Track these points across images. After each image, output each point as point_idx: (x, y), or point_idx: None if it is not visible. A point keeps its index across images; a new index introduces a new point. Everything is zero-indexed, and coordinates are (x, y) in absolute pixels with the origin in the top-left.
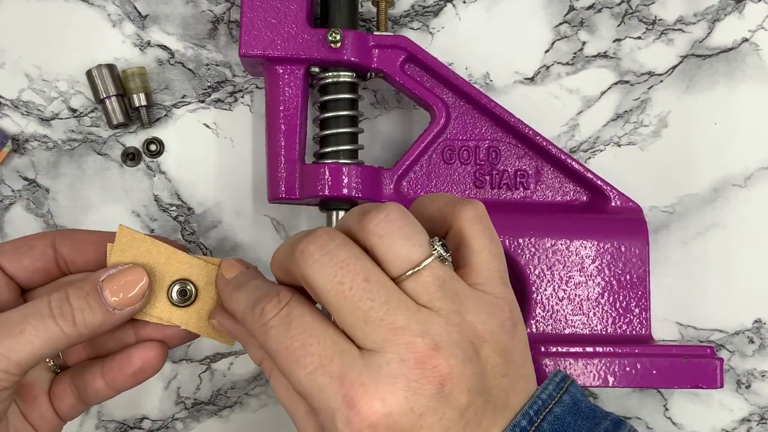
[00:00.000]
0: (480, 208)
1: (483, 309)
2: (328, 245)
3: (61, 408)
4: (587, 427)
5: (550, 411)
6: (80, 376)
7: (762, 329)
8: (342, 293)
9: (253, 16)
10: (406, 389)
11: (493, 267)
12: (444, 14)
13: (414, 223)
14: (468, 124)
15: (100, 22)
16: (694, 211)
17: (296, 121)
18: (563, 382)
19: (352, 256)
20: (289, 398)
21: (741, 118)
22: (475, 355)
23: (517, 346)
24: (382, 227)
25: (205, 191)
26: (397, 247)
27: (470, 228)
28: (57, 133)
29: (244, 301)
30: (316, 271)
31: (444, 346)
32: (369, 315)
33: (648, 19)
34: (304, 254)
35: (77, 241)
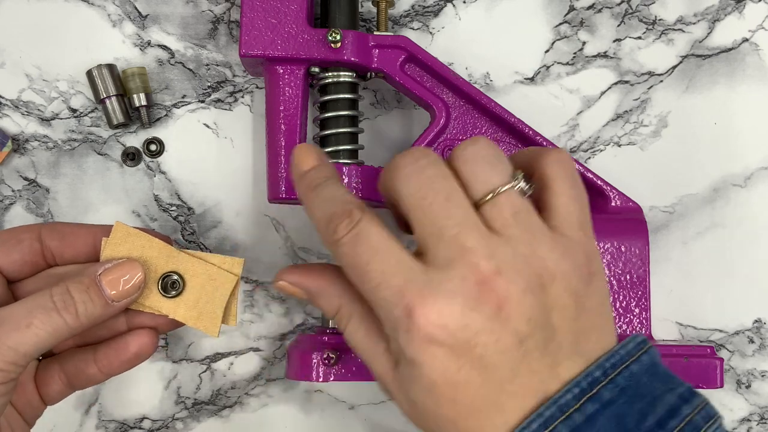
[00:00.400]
0: (564, 154)
1: (556, 248)
2: (419, 161)
3: (47, 394)
4: (663, 389)
5: (626, 367)
6: (71, 363)
7: (762, 329)
8: (422, 208)
9: (253, 16)
10: (463, 305)
11: (572, 210)
12: (444, 14)
13: (499, 154)
14: (468, 124)
15: (100, 22)
16: (694, 211)
17: (296, 121)
18: (644, 343)
19: (439, 174)
20: (367, 340)
21: (741, 118)
22: (540, 288)
23: (593, 295)
24: (469, 153)
25: (205, 191)
26: (479, 172)
27: (552, 171)
28: (57, 133)
29: (318, 211)
30: (404, 183)
31: (506, 271)
32: (443, 232)
33: (648, 19)
34: (397, 166)
35: (65, 234)
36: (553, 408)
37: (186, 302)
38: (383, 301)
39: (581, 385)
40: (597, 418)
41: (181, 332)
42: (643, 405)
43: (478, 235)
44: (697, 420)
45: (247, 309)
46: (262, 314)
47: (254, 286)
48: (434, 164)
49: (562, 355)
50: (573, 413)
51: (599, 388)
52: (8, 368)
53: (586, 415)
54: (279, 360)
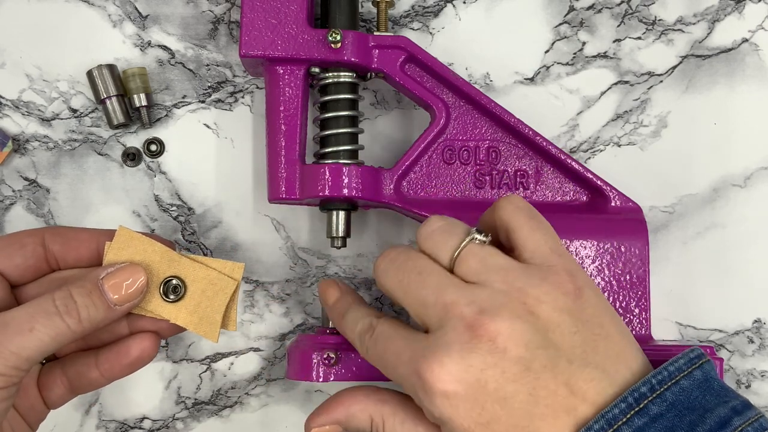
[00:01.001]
0: (514, 197)
1: (533, 275)
2: (389, 255)
3: (49, 397)
4: (715, 402)
5: (676, 382)
6: (73, 367)
7: (762, 329)
8: (403, 289)
9: (253, 16)
10: (460, 351)
11: (537, 239)
12: (444, 14)
13: (451, 221)
14: (468, 125)
15: (101, 22)
16: (694, 211)
17: (296, 121)
18: (698, 358)
19: (409, 258)
20: (406, 429)
21: (741, 118)
22: (527, 314)
23: (586, 306)
24: (425, 231)
25: (206, 191)
26: (437, 241)
27: (507, 213)
28: (57, 133)
29: (351, 334)
30: (385, 279)
31: (489, 308)
32: (426, 301)
33: (648, 19)
34: (376, 269)
35: (68, 238)
36: (602, 421)
37: (187, 307)
38: (402, 377)
39: (627, 400)
40: (646, 430)
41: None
42: (694, 417)
43: (455, 289)
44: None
45: (248, 309)
46: (262, 314)
47: (254, 286)
48: (402, 252)
49: (575, 369)
50: (621, 426)
51: (646, 403)
52: (11, 372)
53: (634, 427)
54: (279, 360)
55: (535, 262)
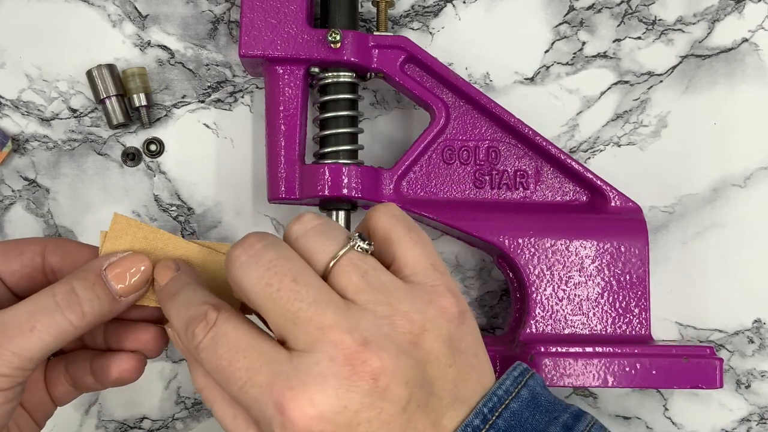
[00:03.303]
0: (391, 205)
1: (417, 298)
2: (254, 246)
3: (55, 394)
4: (545, 420)
5: (506, 407)
6: (74, 366)
7: (762, 329)
8: (269, 295)
9: (253, 16)
10: (336, 387)
11: (419, 254)
12: (444, 14)
13: (328, 221)
14: (468, 124)
15: (101, 22)
16: (694, 211)
17: (296, 121)
18: (522, 375)
19: (279, 257)
20: (236, 426)
21: (741, 118)
22: (412, 346)
23: (466, 335)
24: (297, 229)
25: (205, 191)
26: (312, 243)
27: (384, 223)
28: (57, 133)
29: (176, 320)
30: (243, 274)
31: (374, 340)
32: (298, 316)
33: (648, 19)
34: (231, 258)
35: (69, 251)
36: None
37: None
38: (252, 401)
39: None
40: None
41: None
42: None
43: (335, 310)
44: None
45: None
46: None
47: None
48: (271, 247)
49: (444, 407)
50: None
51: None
52: (14, 374)
53: None
54: None
55: (418, 280)
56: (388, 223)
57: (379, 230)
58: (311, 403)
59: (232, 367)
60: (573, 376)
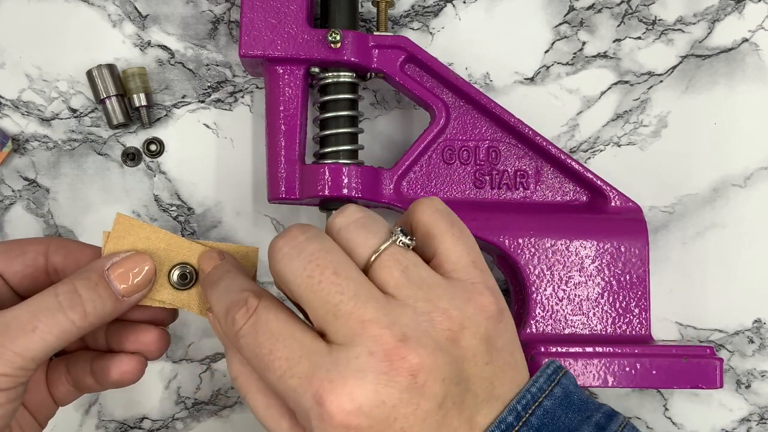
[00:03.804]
0: (435, 199)
1: (457, 295)
2: (297, 238)
3: (56, 394)
4: (578, 420)
5: (539, 405)
6: (75, 366)
7: (762, 329)
8: (311, 287)
9: (253, 16)
10: (375, 382)
11: (460, 250)
12: (444, 14)
13: (371, 214)
14: (468, 124)
15: (101, 22)
16: (694, 211)
17: (296, 121)
18: (555, 373)
19: (321, 249)
20: (269, 416)
21: (741, 118)
22: (450, 343)
23: (503, 333)
24: (340, 221)
25: (205, 191)
26: (355, 237)
27: (428, 217)
28: (57, 133)
29: (217, 306)
30: (285, 266)
31: (413, 336)
32: (338, 309)
33: (648, 19)
34: (274, 249)
35: (71, 251)
36: None
37: (200, 294)
38: (291, 390)
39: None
40: None
41: (182, 332)
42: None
43: (375, 304)
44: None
45: None
46: None
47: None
48: (314, 239)
49: (479, 404)
50: None
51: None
52: (17, 373)
53: None
54: None
55: (458, 276)
56: (431, 218)
57: (422, 224)
58: (350, 396)
59: (272, 356)
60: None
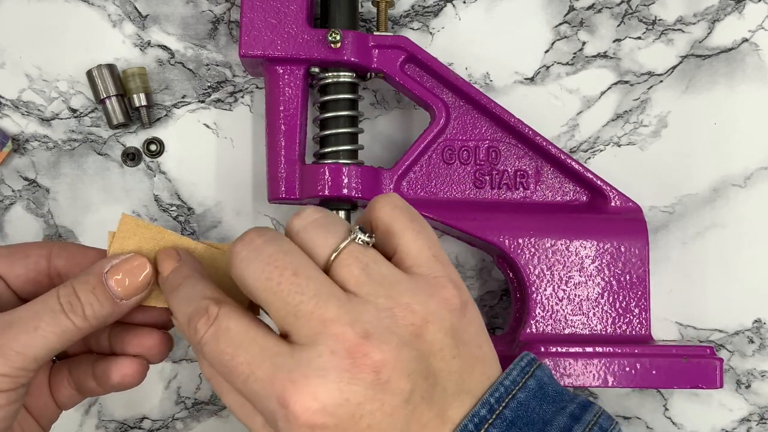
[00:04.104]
0: (393, 195)
1: (419, 289)
2: (254, 241)
3: (59, 398)
4: (552, 410)
5: (513, 397)
6: (77, 369)
7: (762, 329)
8: (270, 289)
9: (253, 16)
10: (338, 380)
11: (421, 245)
12: (444, 14)
13: (329, 215)
14: (468, 124)
15: (101, 22)
16: (694, 211)
17: (296, 121)
18: (529, 366)
19: (280, 251)
20: (244, 413)
21: (741, 118)
22: (414, 338)
23: (469, 326)
24: (298, 223)
25: (205, 191)
26: (314, 237)
27: (386, 214)
28: (57, 133)
29: (179, 313)
30: (244, 269)
31: (375, 332)
32: (299, 309)
33: (648, 19)
34: (233, 253)
35: (74, 253)
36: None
37: None
38: (255, 394)
39: (468, 427)
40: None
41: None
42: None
43: (336, 302)
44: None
45: None
46: (262, 314)
47: None
48: (272, 241)
49: (449, 398)
50: None
51: (487, 427)
52: (17, 374)
53: None
54: None
55: (420, 272)
56: (390, 215)
57: (381, 221)
58: (313, 396)
59: (234, 362)
60: (573, 376)
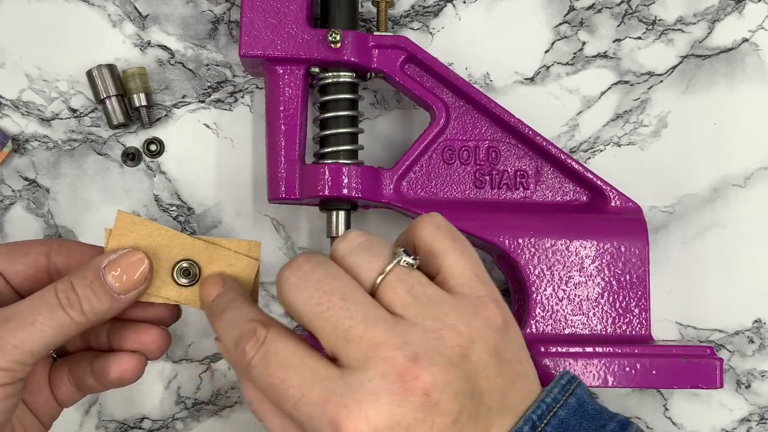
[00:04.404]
0: (436, 216)
1: (464, 310)
2: (302, 267)
3: (59, 396)
4: (592, 429)
5: (554, 415)
6: (77, 366)
7: (762, 329)
8: (320, 314)
9: (253, 16)
10: (389, 404)
11: (464, 266)
12: (444, 14)
13: (373, 237)
14: (468, 124)
15: (101, 22)
16: (694, 211)
17: (296, 121)
18: (569, 384)
19: (327, 276)
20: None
21: (741, 118)
22: (461, 358)
23: (511, 344)
24: (343, 247)
25: (205, 191)
26: (359, 260)
27: (429, 235)
28: (57, 133)
29: (225, 337)
30: (294, 295)
31: (424, 355)
32: (348, 333)
33: (648, 19)
34: (281, 281)
35: (73, 251)
36: None
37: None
38: (307, 417)
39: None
40: None
41: (182, 332)
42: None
43: (384, 326)
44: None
45: None
46: None
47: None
48: (319, 266)
49: (493, 416)
50: None
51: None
52: (15, 368)
53: None
54: None
55: (463, 291)
56: (433, 235)
57: (424, 242)
58: (366, 420)
59: (285, 385)
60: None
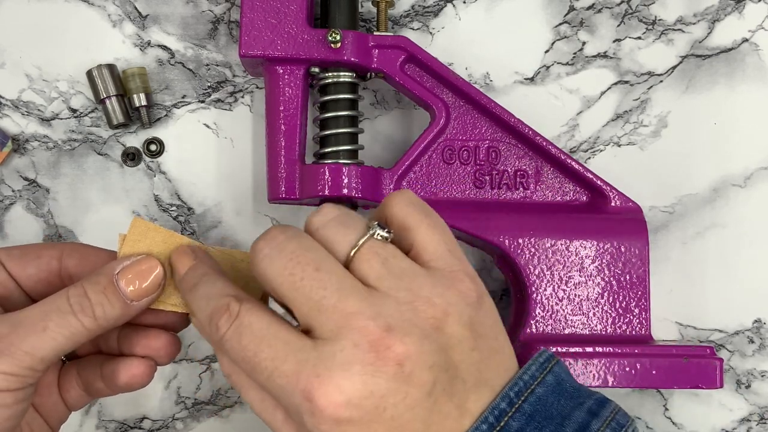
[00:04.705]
0: (407, 192)
1: (438, 283)
2: (276, 238)
3: (68, 399)
4: (570, 406)
5: (532, 392)
6: (86, 370)
7: (762, 329)
8: (294, 285)
9: (253, 16)
10: (362, 373)
11: (437, 240)
12: (444, 14)
13: (348, 211)
14: (468, 124)
15: (101, 22)
16: (694, 211)
17: (296, 121)
18: (547, 362)
19: (301, 247)
20: (264, 409)
21: (741, 118)
22: (435, 330)
23: (485, 318)
24: (318, 220)
25: (205, 191)
26: (333, 233)
27: (401, 210)
28: (57, 133)
29: (199, 312)
30: (267, 266)
31: (397, 326)
32: (322, 304)
33: (648, 19)
34: (255, 251)
35: (85, 255)
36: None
37: None
38: (280, 388)
39: (489, 420)
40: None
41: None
42: (553, 427)
43: (358, 296)
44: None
45: None
46: None
47: None
48: (293, 238)
49: (468, 390)
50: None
51: (507, 420)
52: (25, 373)
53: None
54: None
55: (437, 265)
56: (405, 210)
57: (396, 217)
58: (338, 389)
59: (258, 358)
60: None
